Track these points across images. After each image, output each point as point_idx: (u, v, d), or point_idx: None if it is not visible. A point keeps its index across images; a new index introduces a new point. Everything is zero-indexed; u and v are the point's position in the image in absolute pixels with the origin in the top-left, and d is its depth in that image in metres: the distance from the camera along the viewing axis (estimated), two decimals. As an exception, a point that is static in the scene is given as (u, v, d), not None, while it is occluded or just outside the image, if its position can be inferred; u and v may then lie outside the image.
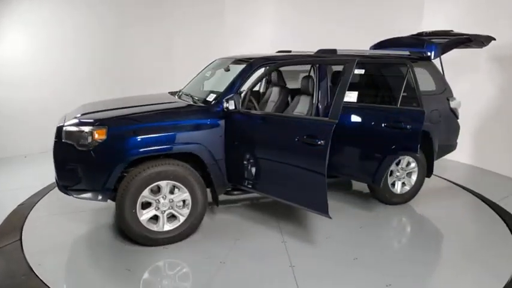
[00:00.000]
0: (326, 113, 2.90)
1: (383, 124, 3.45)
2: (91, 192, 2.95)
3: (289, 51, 4.28)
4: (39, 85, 5.88)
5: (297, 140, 2.82)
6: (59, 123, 3.07)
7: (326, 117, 2.79)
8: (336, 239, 3.25)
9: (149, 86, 5.20)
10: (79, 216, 3.64)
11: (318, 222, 3.49)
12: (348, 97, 3.42)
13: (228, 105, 3.13)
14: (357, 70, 3.51)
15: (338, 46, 3.66)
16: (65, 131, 2.93)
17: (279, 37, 7.06)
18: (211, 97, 3.30)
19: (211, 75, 4.02)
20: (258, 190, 3.22)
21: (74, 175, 2.92)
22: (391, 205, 3.96)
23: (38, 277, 2.64)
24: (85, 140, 2.83)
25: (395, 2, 6.27)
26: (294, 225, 3.49)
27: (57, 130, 2.99)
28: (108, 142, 2.83)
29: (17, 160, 5.64)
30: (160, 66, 6.72)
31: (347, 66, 2.87)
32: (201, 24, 6.92)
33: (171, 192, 3.04)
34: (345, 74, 2.83)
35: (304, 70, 4.12)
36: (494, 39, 4.27)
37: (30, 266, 2.77)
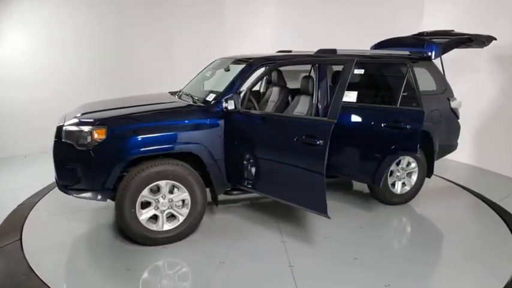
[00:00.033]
0: (326, 113, 2.89)
1: (383, 124, 3.44)
2: (91, 191, 2.96)
3: (289, 51, 4.28)
4: (39, 85, 5.88)
5: (296, 140, 2.81)
6: (59, 123, 3.07)
7: (326, 117, 2.79)
8: (336, 239, 3.24)
9: (149, 86, 5.19)
10: (79, 215, 3.64)
11: (318, 222, 3.49)
12: (348, 97, 3.42)
13: (227, 105, 3.13)
14: (357, 70, 3.50)
15: (338, 46, 3.66)
16: (65, 131, 2.93)
17: (279, 37, 7.06)
18: (210, 97, 3.31)
19: (211, 75, 4.01)
20: (257, 190, 3.22)
21: (74, 175, 2.93)
22: (391, 205, 3.95)
23: (38, 277, 2.64)
24: (84, 140, 2.84)
25: (395, 2, 6.26)
26: (294, 225, 3.49)
27: (57, 130, 3.00)
28: (107, 142, 2.83)
29: (17, 160, 5.64)
30: (160, 66, 6.71)
31: (346, 66, 2.87)
32: (201, 24, 6.92)
33: (171, 191, 3.05)
34: (344, 74, 2.83)
35: (304, 70, 4.12)
36: (495, 39, 4.26)
37: (30, 266, 2.77)
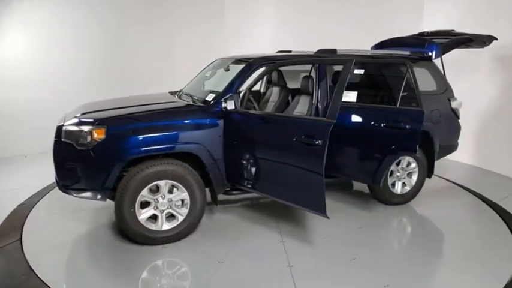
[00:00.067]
0: (326, 113, 2.90)
1: (382, 124, 3.44)
2: (90, 191, 2.96)
3: (289, 51, 4.28)
4: (39, 85, 5.88)
5: (295, 140, 2.81)
6: (59, 122, 3.07)
7: (325, 117, 2.79)
8: (335, 239, 3.24)
9: (149, 86, 5.18)
10: (79, 215, 3.65)
11: (317, 222, 3.48)
12: (347, 97, 3.42)
13: (227, 105, 3.12)
14: (356, 70, 3.51)
15: (338, 46, 3.66)
16: (65, 131, 2.94)
17: (279, 37, 7.06)
18: (210, 97, 3.30)
19: (211, 75, 4.01)
20: (257, 190, 3.22)
21: (73, 174, 2.93)
22: (391, 205, 3.95)
23: (38, 277, 2.64)
24: (84, 140, 2.84)
25: (395, 2, 6.26)
26: (293, 225, 3.49)
27: (56, 129, 3.00)
28: (106, 141, 2.83)
29: (17, 160, 5.64)
30: (160, 66, 6.71)
31: (345, 66, 2.87)
32: (201, 24, 6.92)
33: (170, 191, 3.05)
34: (343, 74, 2.83)
35: (305, 70, 4.12)
36: (496, 39, 4.24)
37: (30, 266, 2.77)
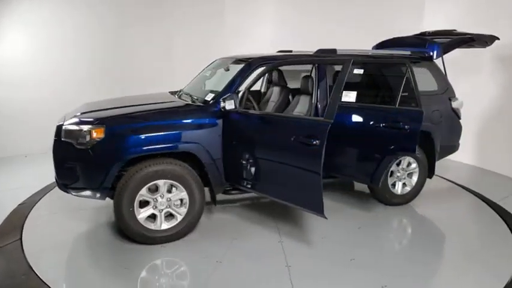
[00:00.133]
0: (325, 113, 2.90)
1: (381, 124, 3.43)
2: (89, 190, 2.97)
3: (289, 51, 4.27)
4: (39, 85, 5.88)
5: (293, 140, 2.81)
6: (59, 122, 3.08)
7: None
8: (334, 239, 3.24)
9: (149, 86, 5.17)
10: (79, 214, 3.65)
11: (316, 222, 3.48)
12: (347, 97, 3.42)
13: (225, 104, 3.11)
14: (356, 70, 3.51)
15: (338, 46, 3.66)
16: (64, 130, 2.95)
17: (279, 37, 7.05)
18: (209, 96, 3.30)
19: (211, 74, 4.01)
20: (255, 190, 3.22)
21: (73, 173, 2.94)
22: (391, 206, 3.94)
23: (38, 276, 2.65)
24: (83, 139, 2.84)
25: (395, 2, 6.25)
26: (292, 225, 3.48)
27: (56, 129, 3.01)
28: (105, 141, 2.84)
29: (17, 160, 5.65)
30: (160, 66, 6.71)
31: (343, 66, 2.87)
32: (201, 24, 6.91)
33: (169, 191, 3.05)
34: (341, 74, 2.83)
35: (306, 70, 4.11)
36: (498, 38, 4.21)
37: (30, 266, 2.78)
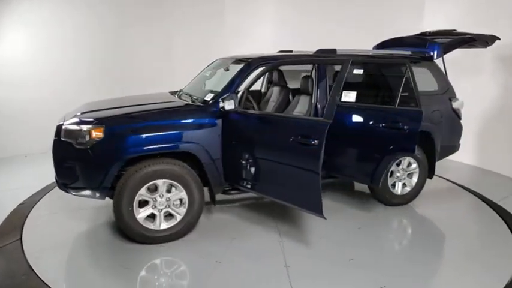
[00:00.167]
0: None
1: (381, 124, 3.42)
2: (89, 189, 2.97)
3: (290, 51, 4.27)
4: (39, 85, 5.89)
5: (292, 140, 2.81)
6: (59, 122, 3.08)
7: None
8: (333, 240, 3.24)
9: (149, 86, 5.18)
10: (79, 214, 3.65)
11: (316, 222, 3.47)
12: (347, 97, 3.42)
13: (224, 104, 3.10)
14: (356, 70, 3.51)
15: (338, 46, 3.64)
16: (64, 130, 2.95)
17: (279, 37, 7.06)
18: (209, 96, 3.30)
19: (211, 74, 4.01)
20: (254, 190, 3.21)
21: (73, 173, 2.94)
22: (392, 206, 3.93)
23: (38, 277, 2.65)
24: (83, 139, 2.85)
25: (395, 2, 6.25)
26: (291, 225, 3.48)
27: (56, 128, 3.01)
28: (105, 141, 2.84)
29: (17, 160, 5.66)
30: (160, 66, 6.71)
31: (342, 66, 2.87)
32: (201, 24, 6.92)
33: (168, 191, 3.05)
34: (340, 74, 2.84)
35: (306, 70, 4.11)
36: (498, 38, 4.20)
37: (30, 266, 2.78)
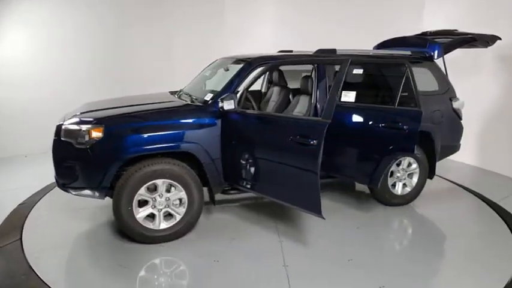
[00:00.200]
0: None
1: (380, 124, 3.42)
2: (89, 189, 2.97)
3: (290, 51, 4.26)
4: (39, 85, 5.88)
5: (291, 140, 2.81)
6: (59, 121, 3.09)
7: None
8: (333, 239, 3.24)
9: (149, 86, 5.18)
10: (79, 214, 3.66)
11: (315, 222, 3.47)
12: (346, 97, 3.42)
13: (224, 104, 3.10)
14: (355, 70, 3.50)
15: (338, 46, 3.64)
16: (64, 129, 2.96)
17: (279, 37, 7.06)
18: (208, 96, 3.30)
19: (211, 74, 4.01)
20: (254, 189, 3.21)
21: (72, 173, 2.95)
22: (392, 206, 3.93)
23: (38, 277, 2.65)
24: (82, 138, 2.85)
25: (395, 2, 6.25)
26: (291, 225, 3.48)
27: (56, 128, 3.02)
28: (104, 140, 2.85)
29: (17, 160, 5.66)
30: (160, 66, 6.71)
31: (341, 66, 2.87)
32: (201, 24, 6.92)
33: (168, 190, 3.05)
34: (339, 74, 2.84)
35: (306, 70, 4.11)
36: (499, 38, 4.19)
37: (30, 266, 2.78)
